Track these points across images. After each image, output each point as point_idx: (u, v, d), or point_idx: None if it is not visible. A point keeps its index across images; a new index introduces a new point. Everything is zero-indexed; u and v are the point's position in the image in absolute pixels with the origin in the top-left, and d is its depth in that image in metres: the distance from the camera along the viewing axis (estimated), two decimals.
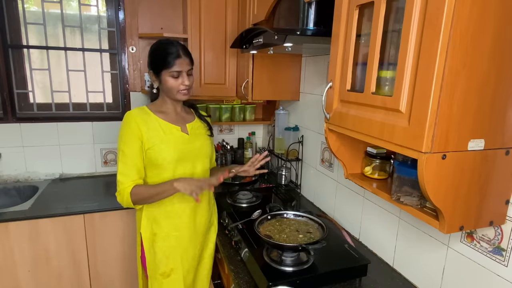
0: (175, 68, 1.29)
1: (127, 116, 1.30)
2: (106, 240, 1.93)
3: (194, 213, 1.41)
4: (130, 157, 1.27)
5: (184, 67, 1.30)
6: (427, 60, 0.70)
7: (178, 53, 1.29)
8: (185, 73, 1.31)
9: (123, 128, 1.29)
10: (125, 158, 1.27)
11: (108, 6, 2.27)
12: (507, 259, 0.91)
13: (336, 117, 1.04)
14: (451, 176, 0.77)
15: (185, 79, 1.31)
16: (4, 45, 2.09)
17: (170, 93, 1.33)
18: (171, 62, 1.28)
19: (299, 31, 1.23)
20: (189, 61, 1.33)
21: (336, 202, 1.72)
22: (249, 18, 1.81)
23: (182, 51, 1.30)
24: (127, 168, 1.27)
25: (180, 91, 1.32)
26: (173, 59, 1.28)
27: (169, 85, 1.31)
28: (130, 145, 1.27)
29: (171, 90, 1.32)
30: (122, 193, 1.27)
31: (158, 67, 1.31)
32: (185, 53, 1.31)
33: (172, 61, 1.28)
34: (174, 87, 1.31)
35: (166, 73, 1.30)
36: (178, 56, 1.29)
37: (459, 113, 0.73)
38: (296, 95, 2.03)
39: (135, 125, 1.28)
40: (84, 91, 2.33)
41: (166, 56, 1.28)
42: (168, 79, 1.30)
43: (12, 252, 1.76)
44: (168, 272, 1.38)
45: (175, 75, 1.30)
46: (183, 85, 1.31)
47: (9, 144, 2.17)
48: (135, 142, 1.27)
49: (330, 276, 1.19)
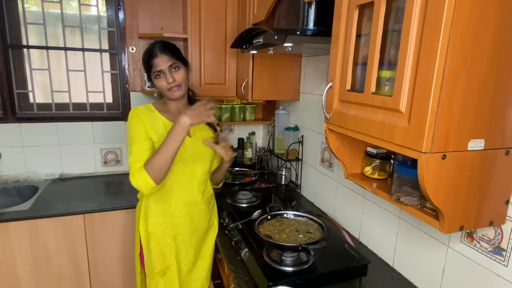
0: (154, 68, 1.28)
1: (133, 111, 1.30)
2: (106, 240, 1.93)
3: (191, 213, 1.41)
4: (141, 141, 1.25)
5: (163, 64, 1.27)
6: (427, 60, 0.70)
7: (153, 53, 1.27)
8: (167, 71, 1.27)
9: (130, 122, 1.29)
10: (136, 142, 1.24)
11: (108, 6, 2.27)
12: (507, 259, 0.91)
13: (336, 117, 1.04)
14: (451, 176, 0.77)
15: (168, 77, 1.28)
16: (4, 45, 2.09)
17: (164, 94, 1.34)
18: (150, 64, 1.28)
19: (299, 31, 1.23)
20: (168, 57, 1.27)
21: (336, 202, 1.72)
22: (249, 18, 1.81)
23: (158, 49, 1.26)
24: (137, 150, 1.23)
25: (169, 89, 1.30)
26: (151, 60, 1.27)
27: (158, 87, 1.31)
28: (139, 132, 1.26)
29: (163, 92, 1.32)
30: (136, 175, 1.18)
31: (146, 72, 1.32)
32: (162, 50, 1.27)
33: (150, 62, 1.27)
34: (162, 87, 1.30)
35: (152, 76, 1.30)
36: (154, 56, 1.26)
37: (459, 113, 0.73)
38: (296, 95, 2.03)
39: (140, 120, 1.28)
40: (84, 91, 2.33)
41: (147, 60, 1.29)
42: (155, 82, 1.30)
43: (12, 252, 1.76)
44: (164, 270, 1.39)
45: (158, 75, 1.29)
46: (167, 83, 1.28)
47: (9, 144, 2.17)
48: (143, 131, 1.26)
49: (330, 276, 1.19)
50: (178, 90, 1.31)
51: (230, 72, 2.13)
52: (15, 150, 2.18)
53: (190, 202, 1.39)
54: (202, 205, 1.44)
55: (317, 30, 1.20)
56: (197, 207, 1.43)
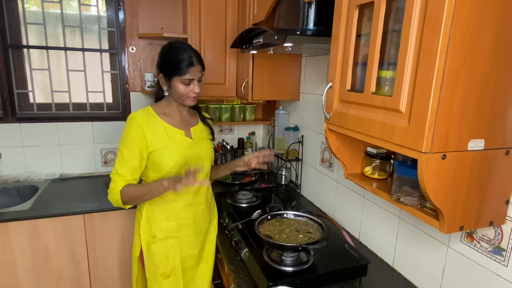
0: (188, 76, 1.26)
1: (131, 118, 1.28)
2: (106, 240, 1.93)
3: (194, 214, 1.41)
4: (128, 159, 1.26)
5: (196, 74, 1.28)
6: (427, 60, 0.70)
7: (191, 61, 1.25)
8: (196, 81, 1.29)
9: (126, 130, 1.28)
10: (123, 159, 1.27)
11: (108, 6, 2.27)
12: (507, 259, 0.91)
13: (336, 117, 1.04)
14: (451, 176, 0.77)
15: (196, 87, 1.29)
16: (4, 45, 2.09)
17: (178, 99, 1.32)
18: (184, 70, 1.25)
19: (299, 31, 1.23)
20: (201, 68, 1.29)
21: (336, 202, 1.72)
22: (249, 18, 1.81)
23: (195, 58, 1.27)
24: (123, 168, 1.27)
25: (190, 97, 1.30)
26: (186, 66, 1.25)
27: (179, 91, 1.29)
28: (130, 148, 1.26)
29: (180, 96, 1.30)
30: (113, 192, 1.27)
31: (170, 72, 1.27)
32: (198, 60, 1.28)
33: (185, 68, 1.25)
34: (184, 93, 1.29)
35: (178, 79, 1.27)
36: (192, 64, 1.25)
37: (459, 113, 0.73)
38: (296, 95, 2.03)
39: (138, 128, 1.26)
40: (84, 91, 2.33)
41: (179, 63, 1.25)
42: (178, 85, 1.28)
43: (12, 252, 1.76)
44: (168, 273, 1.38)
45: (186, 82, 1.27)
46: (194, 92, 1.29)
47: (9, 144, 2.17)
48: (135, 146, 1.26)
49: (330, 276, 1.19)
50: (195, 99, 1.33)
51: (230, 72, 2.13)
52: (15, 150, 2.18)
53: (193, 203, 1.39)
54: (204, 205, 1.44)
55: (317, 30, 1.20)
56: (200, 207, 1.43)
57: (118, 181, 1.27)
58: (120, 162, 1.28)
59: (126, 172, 1.27)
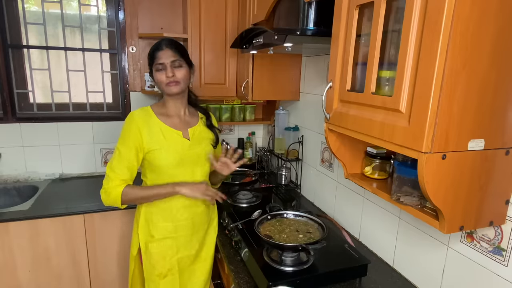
0: (157, 60, 1.28)
1: (129, 117, 1.30)
2: (106, 240, 1.93)
3: (192, 216, 1.41)
4: (125, 157, 1.26)
5: (166, 58, 1.28)
6: (427, 60, 0.70)
7: (159, 46, 1.29)
8: (168, 65, 1.28)
9: (124, 128, 1.29)
10: (120, 157, 1.27)
11: (108, 6, 2.27)
12: (507, 259, 0.91)
13: (336, 117, 1.04)
14: (451, 176, 0.77)
15: (169, 71, 1.28)
16: (4, 45, 2.09)
17: (161, 89, 1.33)
18: (154, 55, 1.29)
19: (299, 31, 1.23)
20: (173, 52, 1.28)
21: (336, 202, 1.72)
22: (249, 18, 1.81)
23: (165, 43, 1.29)
24: (120, 167, 1.26)
25: (167, 84, 1.29)
26: (155, 52, 1.29)
27: (156, 80, 1.31)
28: (128, 146, 1.27)
29: (159, 85, 1.32)
30: (109, 191, 1.25)
31: (149, 66, 1.33)
32: (168, 44, 1.29)
33: (154, 53, 1.29)
34: (160, 80, 1.30)
35: (154, 68, 1.31)
36: (160, 49, 1.28)
37: (459, 113, 0.73)
38: (296, 95, 2.03)
39: (135, 127, 1.27)
40: (84, 91, 2.33)
41: (151, 52, 1.30)
42: (155, 74, 1.31)
43: (12, 252, 1.76)
44: (165, 273, 1.38)
45: (159, 67, 1.29)
46: (167, 77, 1.28)
47: (9, 144, 2.17)
48: (133, 144, 1.27)
49: (330, 276, 1.19)
50: (175, 86, 1.30)
51: (230, 72, 2.13)
52: (15, 150, 2.18)
53: (191, 204, 1.39)
54: (202, 206, 1.44)
55: (317, 30, 1.20)
56: (198, 209, 1.42)
57: (114, 179, 1.26)
58: (117, 160, 1.27)
59: (122, 169, 1.27)
